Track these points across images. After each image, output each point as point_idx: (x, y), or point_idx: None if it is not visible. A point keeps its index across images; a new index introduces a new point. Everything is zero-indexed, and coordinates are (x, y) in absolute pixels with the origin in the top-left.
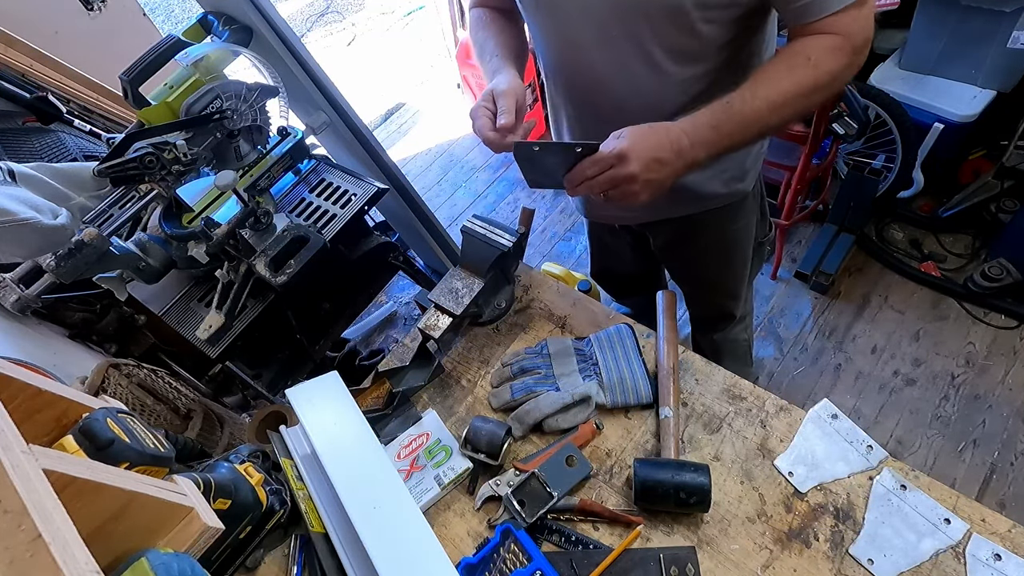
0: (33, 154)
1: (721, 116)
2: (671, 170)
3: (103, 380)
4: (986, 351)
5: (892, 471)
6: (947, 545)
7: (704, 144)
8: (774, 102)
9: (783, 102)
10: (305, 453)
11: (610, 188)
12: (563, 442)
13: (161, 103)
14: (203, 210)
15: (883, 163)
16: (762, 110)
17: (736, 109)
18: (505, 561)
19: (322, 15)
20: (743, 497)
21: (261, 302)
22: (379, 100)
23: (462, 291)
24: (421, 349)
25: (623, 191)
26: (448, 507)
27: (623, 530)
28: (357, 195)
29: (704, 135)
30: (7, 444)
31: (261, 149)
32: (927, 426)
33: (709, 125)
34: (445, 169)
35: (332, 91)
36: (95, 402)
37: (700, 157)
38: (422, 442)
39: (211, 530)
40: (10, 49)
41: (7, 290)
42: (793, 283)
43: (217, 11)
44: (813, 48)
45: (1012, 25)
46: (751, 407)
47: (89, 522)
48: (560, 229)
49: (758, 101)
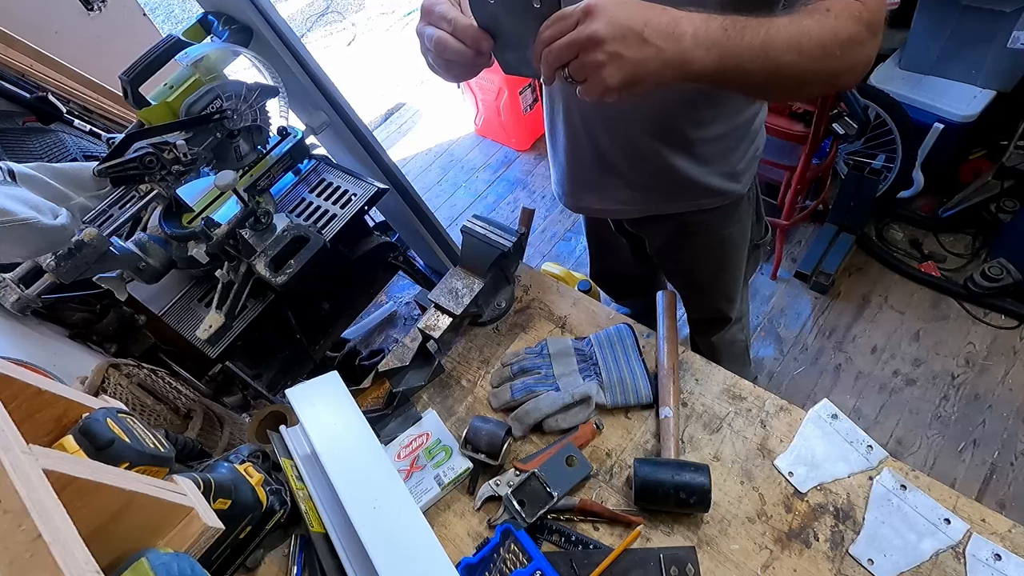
0: (33, 154)
1: (735, 25)
2: (654, 53)
3: (103, 380)
4: (986, 351)
5: (892, 471)
6: (947, 545)
7: (707, 44)
8: (792, 37)
9: (801, 40)
10: (305, 453)
11: (570, 57)
12: (563, 442)
13: (161, 103)
14: (203, 210)
15: (883, 163)
16: (777, 39)
17: (752, 27)
18: (505, 561)
19: (322, 15)
20: (743, 497)
21: (261, 302)
22: (379, 100)
23: (462, 291)
24: (421, 349)
25: (585, 63)
26: (448, 507)
27: (623, 530)
28: (357, 195)
29: (712, 32)
30: (7, 444)
31: (261, 149)
32: (927, 426)
33: (721, 27)
34: (445, 169)
35: (332, 91)
36: (95, 402)
37: (697, 57)
38: (422, 442)
39: (211, 530)
40: (10, 49)
41: (7, 290)
42: (793, 283)
43: (217, 11)
44: (832, 2)
45: (1012, 25)
46: (751, 407)
47: (89, 522)
48: (560, 229)
49: (775, 29)
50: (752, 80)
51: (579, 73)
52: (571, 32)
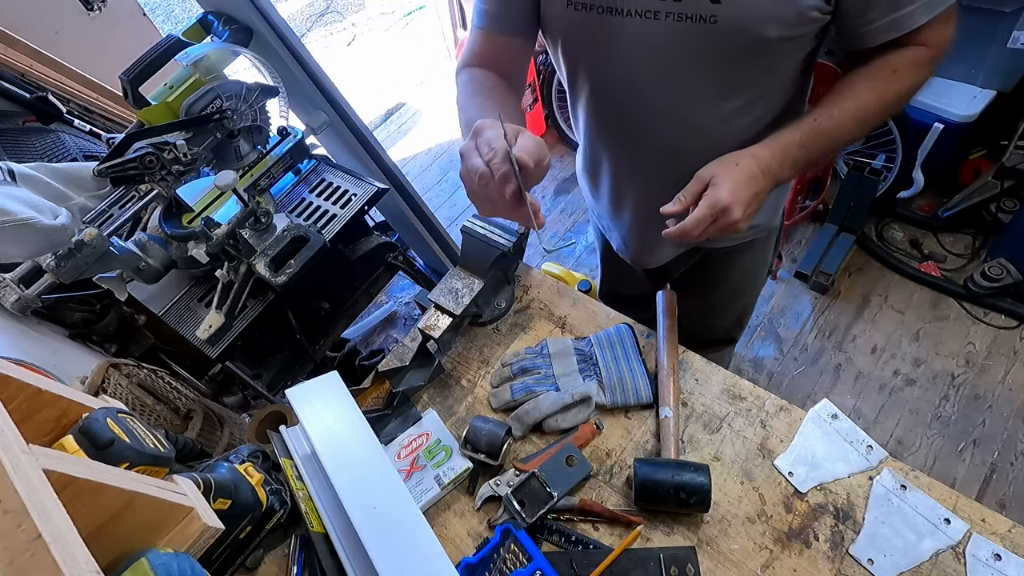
0: (33, 154)
1: (810, 135)
2: (765, 195)
3: (103, 380)
4: (986, 351)
5: (892, 471)
6: (947, 545)
7: (792, 164)
8: (858, 117)
9: (867, 116)
10: (305, 453)
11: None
12: (563, 442)
13: (161, 103)
14: (203, 210)
15: (883, 163)
16: (848, 125)
17: (824, 128)
18: (505, 561)
19: (322, 15)
20: (743, 497)
21: (261, 302)
22: (379, 100)
23: (462, 291)
24: (421, 349)
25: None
26: (448, 507)
27: (623, 530)
28: (357, 195)
29: (793, 156)
30: (7, 444)
31: (261, 149)
32: (927, 426)
33: (799, 145)
34: (445, 169)
35: (332, 91)
36: (95, 402)
37: (786, 176)
38: (422, 442)
39: (211, 530)
40: (10, 49)
41: (7, 290)
42: (793, 283)
43: (217, 11)
44: (898, 61)
45: (1012, 25)
46: (751, 407)
47: (89, 522)
48: (560, 229)
49: (846, 116)
50: (830, 154)
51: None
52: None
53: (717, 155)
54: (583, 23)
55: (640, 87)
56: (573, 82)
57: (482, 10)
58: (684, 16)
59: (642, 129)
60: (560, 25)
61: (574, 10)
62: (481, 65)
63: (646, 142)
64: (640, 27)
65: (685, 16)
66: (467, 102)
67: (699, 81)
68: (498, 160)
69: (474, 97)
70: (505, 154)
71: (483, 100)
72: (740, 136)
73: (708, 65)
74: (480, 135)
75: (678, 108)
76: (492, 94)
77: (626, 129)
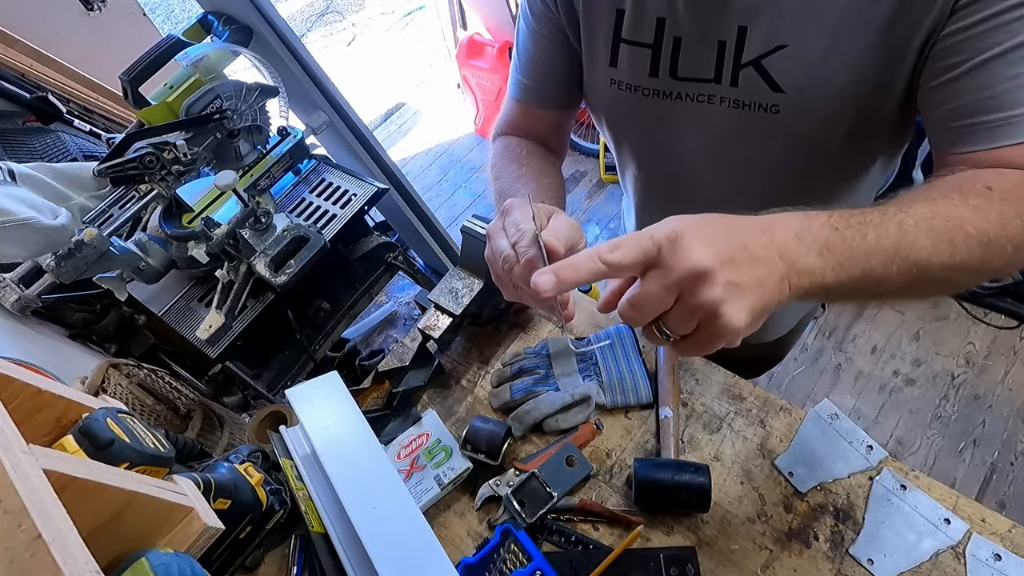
0: (33, 154)
1: (848, 222)
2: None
3: (103, 380)
4: (986, 351)
5: (892, 471)
6: (947, 545)
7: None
8: (940, 229)
9: (950, 238)
10: (305, 453)
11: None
12: (563, 442)
13: (161, 103)
14: (203, 210)
15: None
16: (917, 234)
17: (873, 223)
18: (505, 561)
19: (322, 15)
20: (743, 497)
21: (261, 302)
22: (379, 100)
23: (462, 291)
24: (421, 349)
25: (693, 307)
26: (448, 507)
27: (623, 530)
28: (357, 195)
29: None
30: (7, 444)
31: (261, 149)
32: (927, 426)
33: (828, 224)
34: (445, 169)
35: (332, 91)
36: (95, 402)
37: (813, 266)
38: (422, 442)
39: (211, 530)
40: (10, 49)
41: (7, 290)
42: None
43: (217, 11)
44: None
45: None
46: (751, 407)
47: (89, 522)
48: None
49: (911, 220)
50: (889, 287)
51: (684, 323)
52: (658, 275)
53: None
54: (629, 104)
55: (693, 171)
56: (620, 152)
57: (519, 82)
58: (742, 103)
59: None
60: (603, 103)
61: (618, 90)
62: (518, 135)
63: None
64: (693, 112)
65: (743, 103)
66: (501, 171)
67: (758, 170)
68: (524, 244)
69: (508, 166)
70: (533, 237)
71: (518, 169)
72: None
73: (768, 154)
74: (508, 215)
75: (733, 194)
76: (529, 162)
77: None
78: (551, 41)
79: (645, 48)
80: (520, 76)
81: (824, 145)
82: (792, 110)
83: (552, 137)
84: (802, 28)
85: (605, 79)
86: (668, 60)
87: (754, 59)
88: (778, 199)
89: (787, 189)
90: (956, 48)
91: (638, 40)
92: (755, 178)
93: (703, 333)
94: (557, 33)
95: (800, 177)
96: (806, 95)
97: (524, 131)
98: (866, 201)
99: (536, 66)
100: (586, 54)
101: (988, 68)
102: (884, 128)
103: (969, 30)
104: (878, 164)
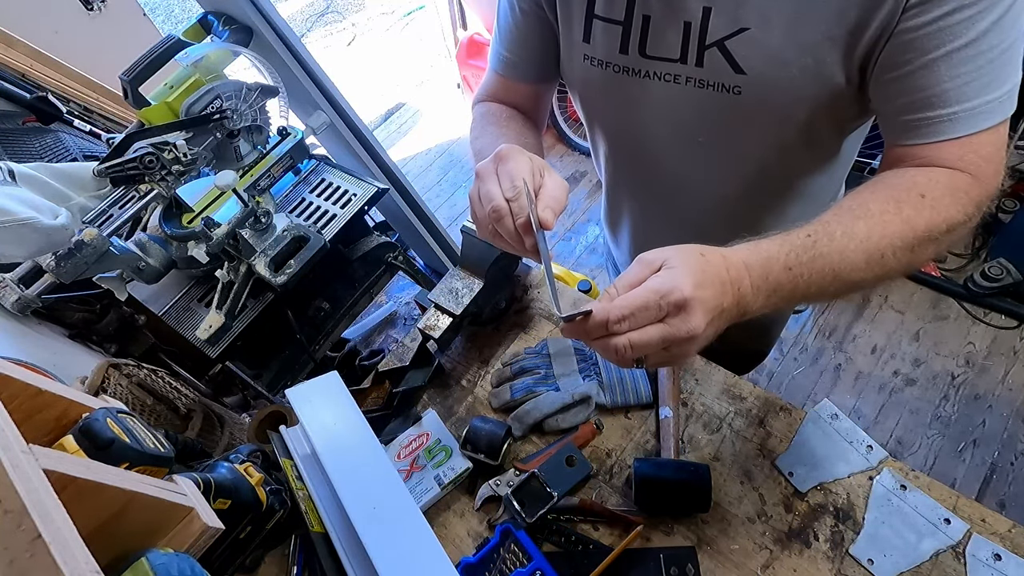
0: (33, 154)
1: (800, 256)
2: (725, 321)
3: (103, 380)
4: (986, 351)
5: (892, 471)
6: (947, 545)
7: (770, 290)
8: (870, 248)
9: (881, 249)
10: (305, 453)
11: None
12: (563, 442)
13: (161, 103)
14: (203, 210)
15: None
16: (854, 255)
17: (821, 250)
18: (505, 561)
19: (322, 15)
20: (743, 497)
21: (261, 302)
22: (379, 100)
23: (462, 291)
24: (421, 349)
25: (675, 355)
26: (448, 507)
27: (623, 530)
28: (357, 195)
29: (775, 278)
30: (7, 444)
31: (261, 149)
32: (927, 426)
33: (784, 266)
34: (445, 169)
35: (332, 91)
36: (95, 402)
37: (758, 305)
38: (422, 442)
39: (211, 530)
40: (10, 49)
41: (7, 290)
42: None
43: (217, 11)
44: (930, 185)
45: None
46: (751, 407)
47: (89, 522)
48: (560, 229)
49: (852, 243)
50: (820, 300)
51: (660, 362)
52: (660, 326)
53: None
54: (601, 80)
55: (659, 150)
56: (592, 131)
57: (499, 54)
58: (706, 83)
59: (661, 192)
60: (577, 78)
61: (590, 65)
62: (497, 100)
63: (665, 203)
64: (660, 90)
65: (707, 83)
66: (481, 131)
67: (721, 150)
68: (520, 204)
69: (488, 127)
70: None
71: (497, 129)
72: (765, 212)
73: (731, 135)
74: (504, 162)
75: (697, 174)
76: (509, 124)
77: (645, 189)
78: (529, 16)
79: (616, 25)
80: (500, 48)
81: (785, 128)
82: (753, 92)
83: (531, 109)
84: (762, 12)
85: (579, 55)
86: (637, 38)
87: (718, 40)
88: (740, 180)
89: (749, 170)
90: (907, 46)
91: (610, 17)
92: (719, 158)
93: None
94: (536, 8)
95: (761, 159)
96: (766, 77)
97: (503, 102)
98: (829, 183)
99: (515, 39)
100: (562, 29)
101: (933, 68)
102: (843, 114)
103: (919, 30)
104: (842, 148)
